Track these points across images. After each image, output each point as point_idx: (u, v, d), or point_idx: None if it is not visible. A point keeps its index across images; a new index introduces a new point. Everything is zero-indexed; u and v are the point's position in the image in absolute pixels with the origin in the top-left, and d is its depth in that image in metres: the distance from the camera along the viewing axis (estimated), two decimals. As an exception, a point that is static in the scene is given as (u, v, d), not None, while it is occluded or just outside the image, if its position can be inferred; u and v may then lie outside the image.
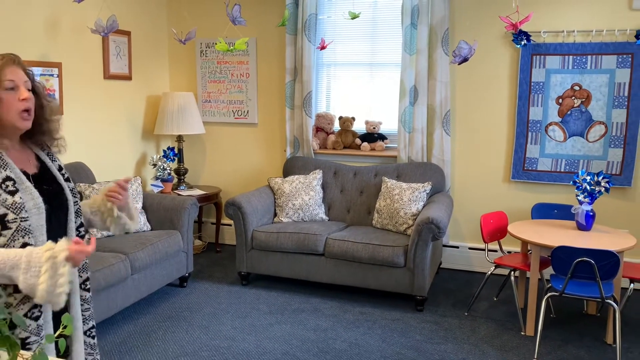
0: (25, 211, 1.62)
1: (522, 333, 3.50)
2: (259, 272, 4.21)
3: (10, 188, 1.61)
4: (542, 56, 4.22)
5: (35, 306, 1.66)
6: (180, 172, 5.00)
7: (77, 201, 1.87)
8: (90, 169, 4.22)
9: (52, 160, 1.86)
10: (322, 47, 3.99)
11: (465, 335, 3.47)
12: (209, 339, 3.37)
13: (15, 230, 1.61)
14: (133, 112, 4.87)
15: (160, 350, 3.24)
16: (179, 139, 5.01)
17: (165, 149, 4.96)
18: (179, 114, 4.79)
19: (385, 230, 4.16)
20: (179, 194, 4.73)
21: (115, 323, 3.57)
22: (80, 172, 4.08)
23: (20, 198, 1.61)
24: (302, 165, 4.69)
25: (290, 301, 3.97)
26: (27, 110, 1.65)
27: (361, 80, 4.85)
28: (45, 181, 1.77)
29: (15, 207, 1.60)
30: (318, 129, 4.96)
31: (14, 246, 1.61)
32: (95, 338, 1.96)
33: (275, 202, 4.47)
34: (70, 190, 1.86)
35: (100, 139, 4.52)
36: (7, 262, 1.55)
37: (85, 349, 1.88)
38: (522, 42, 4.17)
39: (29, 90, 1.68)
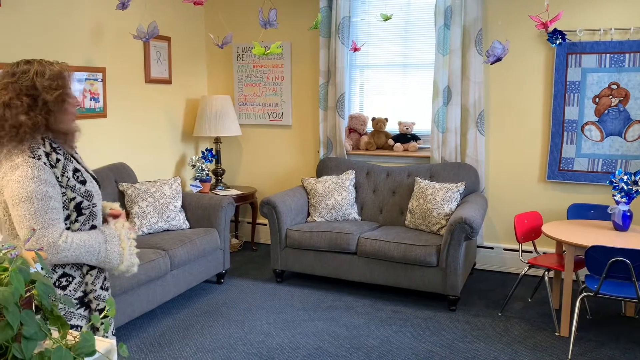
0: (94, 197, 1.82)
1: (556, 334, 3.47)
2: (292, 270, 4.30)
3: (81, 178, 1.80)
4: (578, 55, 4.17)
5: (106, 279, 1.91)
6: (218, 173, 5.15)
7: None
8: (132, 170, 4.40)
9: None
10: (355, 49, 4.05)
11: (498, 334, 3.47)
12: (245, 334, 3.47)
13: (87, 216, 1.79)
14: (173, 115, 5.05)
15: (198, 343, 3.36)
16: (217, 140, 5.16)
17: (204, 150, 5.11)
18: (217, 116, 4.94)
19: (418, 230, 4.18)
20: (216, 194, 4.87)
21: (155, 317, 3.72)
22: (122, 173, 4.26)
23: (89, 186, 1.81)
24: (335, 165, 4.76)
25: (323, 299, 4.04)
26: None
27: (394, 81, 4.89)
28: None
29: (88, 195, 1.79)
30: (351, 130, 5.03)
31: (84, 229, 1.81)
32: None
33: (308, 202, 4.55)
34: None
35: (142, 141, 4.70)
36: (93, 239, 1.78)
37: None
38: (557, 41, 4.13)
39: None
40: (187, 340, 3.40)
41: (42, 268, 1.30)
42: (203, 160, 4.98)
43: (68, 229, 1.75)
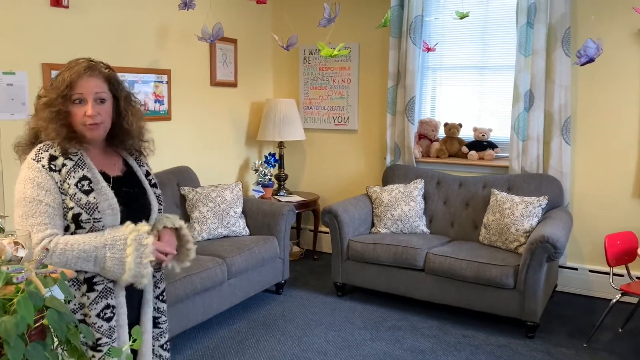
0: (99, 212, 1.62)
1: (655, 374, 3.03)
2: (354, 283, 4.06)
3: (86, 187, 1.63)
4: (685, 55, 3.67)
5: (108, 306, 1.65)
6: (281, 178, 5.00)
7: (161, 209, 1.85)
8: (195, 173, 4.33)
9: (140, 165, 1.86)
10: (427, 50, 3.77)
11: (584, 370, 3.07)
12: (301, 351, 3.27)
13: (89, 231, 1.62)
14: (237, 118, 4.95)
15: (252, 358, 3.19)
16: (280, 145, 5.01)
17: (267, 154, 4.98)
18: (281, 120, 4.79)
19: (493, 248, 3.83)
20: (278, 200, 4.72)
21: (210, 327, 3.60)
22: (185, 176, 4.20)
23: (94, 198, 1.63)
24: (403, 174, 4.48)
25: (387, 317, 3.77)
26: (91, 124, 1.66)
27: (470, 84, 4.55)
28: (127, 184, 1.76)
29: (89, 207, 1.61)
30: (421, 136, 4.73)
31: None
32: (169, 352, 1.94)
33: (373, 211, 4.29)
34: (156, 196, 1.84)
35: (206, 144, 4.63)
36: (90, 242, 1.59)
37: None
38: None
39: (101, 100, 1.68)
40: (242, 354, 3.24)
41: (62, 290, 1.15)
42: (266, 164, 4.85)
43: None
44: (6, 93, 3.10)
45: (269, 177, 4.85)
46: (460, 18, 3.56)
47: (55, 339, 1.06)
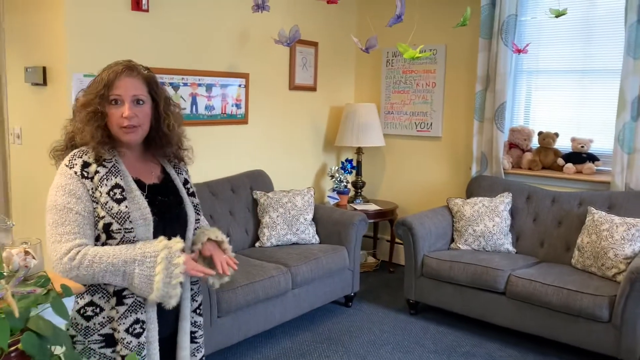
0: (130, 222, 1.54)
1: None
2: (428, 302, 3.79)
3: (118, 196, 1.55)
4: None
5: (138, 321, 1.57)
6: (358, 185, 4.83)
7: (198, 219, 1.76)
8: (270, 178, 4.28)
9: (178, 173, 1.77)
10: (517, 51, 3.43)
11: None
12: (363, 372, 3.08)
13: (120, 241, 1.54)
14: (316, 123, 4.85)
15: (311, 374, 3.05)
16: (359, 151, 4.84)
17: (344, 160, 4.83)
18: (360, 125, 4.62)
19: (587, 273, 3.39)
20: (354, 208, 4.55)
21: (273, 337, 3.51)
22: (258, 180, 4.16)
23: (126, 207, 1.54)
24: (489, 185, 4.13)
25: (461, 342, 3.47)
26: (128, 126, 1.58)
27: (569, 89, 4.11)
28: (163, 193, 1.68)
29: (120, 217, 1.53)
30: (511, 145, 4.34)
31: None
32: None
33: (453, 225, 3.99)
34: (193, 205, 1.74)
35: (282, 149, 4.57)
36: (120, 256, 1.51)
37: None
38: None
39: (138, 102, 1.60)
40: (300, 369, 3.11)
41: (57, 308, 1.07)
42: (342, 171, 4.70)
43: None
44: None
45: (345, 183, 4.69)
46: (556, 16, 3.18)
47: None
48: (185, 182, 1.78)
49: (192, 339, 1.77)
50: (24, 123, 3.51)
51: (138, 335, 1.57)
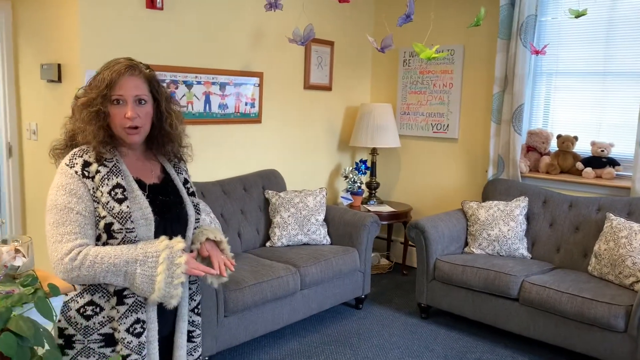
0: (131, 222, 1.53)
1: None
2: (439, 307, 3.73)
3: (119, 196, 1.54)
4: None
5: (138, 321, 1.56)
6: (372, 186, 4.78)
7: (198, 218, 1.74)
8: (283, 177, 4.26)
9: (178, 173, 1.76)
10: (535, 52, 3.35)
11: None
12: (370, 375, 3.05)
13: (121, 241, 1.53)
14: (330, 123, 4.82)
15: (317, 377, 3.02)
16: (373, 151, 4.80)
17: (358, 161, 4.79)
18: (375, 126, 4.58)
19: (604, 281, 3.30)
20: (368, 209, 4.50)
21: (281, 337, 3.49)
22: (271, 179, 4.14)
23: (128, 207, 1.54)
24: (505, 189, 4.05)
25: (472, 348, 3.41)
26: (132, 127, 1.57)
27: (589, 92, 4.00)
28: (163, 193, 1.67)
29: (121, 217, 1.53)
30: (529, 149, 4.25)
31: None
32: None
33: (467, 229, 3.93)
34: (193, 205, 1.73)
35: (296, 148, 4.55)
36: (121, 256, 1.51)
37: None
38: None
39: (140, 101, 1.59)
40: (307, 371, 3.09)
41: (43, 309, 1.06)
42: (356, 171, 4.65)
43: None
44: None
45: (359, 184, 4.65)
46: (576, 17, 3.10)
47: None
48: (185, 181, 1.77)
49: (190, 339, 1.76)
50: (40, 119, 3.55)
51: (138, 335, 1.57)
